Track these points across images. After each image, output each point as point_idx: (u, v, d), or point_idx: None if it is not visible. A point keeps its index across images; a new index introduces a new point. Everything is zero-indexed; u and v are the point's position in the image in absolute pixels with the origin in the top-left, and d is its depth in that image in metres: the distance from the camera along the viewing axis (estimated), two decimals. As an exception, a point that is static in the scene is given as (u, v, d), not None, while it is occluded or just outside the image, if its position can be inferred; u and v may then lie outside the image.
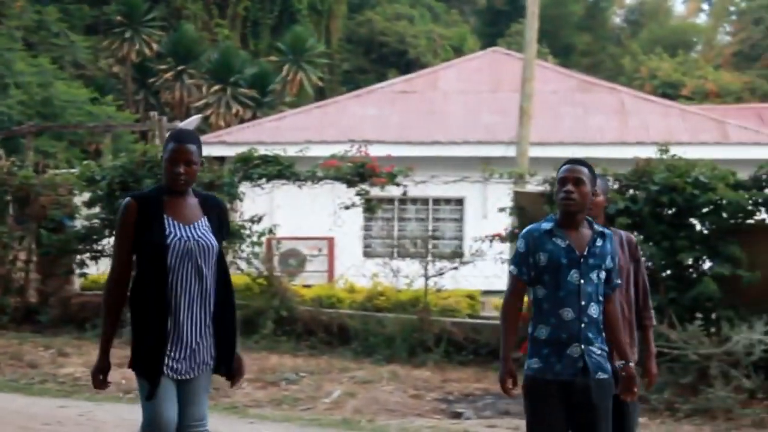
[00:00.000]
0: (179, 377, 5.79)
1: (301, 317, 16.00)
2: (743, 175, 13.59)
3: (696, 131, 27.16)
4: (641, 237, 12.77)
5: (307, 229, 20.45)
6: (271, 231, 17.05)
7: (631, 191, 13.58)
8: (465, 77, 30.86)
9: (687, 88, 53.40)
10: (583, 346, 5.83)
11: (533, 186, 15.72)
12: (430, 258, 16.79)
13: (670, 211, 13.34)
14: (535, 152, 21.92)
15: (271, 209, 19.43)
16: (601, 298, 5.95)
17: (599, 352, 5.91)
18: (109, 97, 40.16)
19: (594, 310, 5.88)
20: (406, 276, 16.68)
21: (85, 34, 45.56)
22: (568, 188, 5.88)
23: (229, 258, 17.08)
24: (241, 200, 17.26)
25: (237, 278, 16.90)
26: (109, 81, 45.16)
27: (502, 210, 15.65)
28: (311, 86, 46.23)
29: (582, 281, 5.86)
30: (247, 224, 16.81)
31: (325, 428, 10.79)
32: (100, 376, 5.84)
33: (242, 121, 39.70)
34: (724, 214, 13.21)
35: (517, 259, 6.07)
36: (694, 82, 54.29)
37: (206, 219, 5.91)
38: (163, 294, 5.71)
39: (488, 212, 21.14)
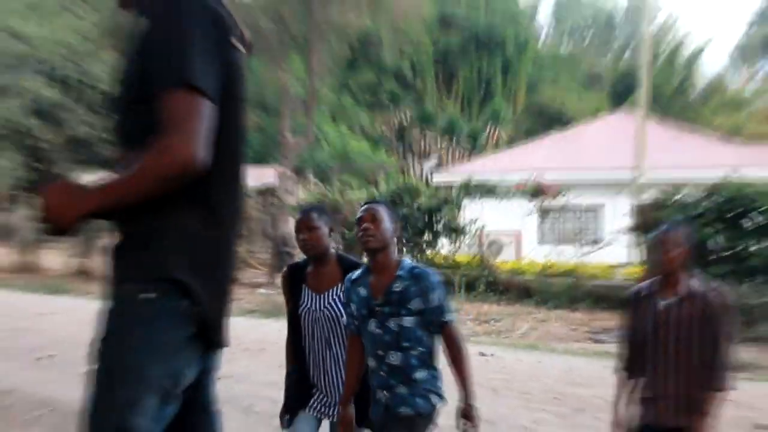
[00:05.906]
0: None
1: (502, 281, 16.00)
2: None
3: None
4: None
5: (504, 226, 20.42)
6: (482, 228, 17.23)
7: None
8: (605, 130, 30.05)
9: None
10: (386, 393, 3.72)
11: (648, 198, 15.36)
12: (581, 243, 16.65)
13: None
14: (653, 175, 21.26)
15: (481, 214, 19.53)
16: (407, 344, 3.65)
17: (407, 392, 3.67)
18: (382, 148, 41.05)
19: (396, 358, 3.68)
20: (567, 255, 16.63)
21: (367, 108, 46.70)
22: (365, 226, 3.69)
23: (456, 246, 17.34)
24: (463, 209, 17.48)
25: (462, 258, 17.14)
26: (382, 138, 46.14)
27: (625, 215, 15.35)
28: (505, 137, 45.92)
29: (379, 331, 3.71)
30: (468, 224, 17.01)
31: (518, 349, 10.88)
32: None
33: (463, 160, 39.95)
34: None
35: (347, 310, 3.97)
36: None
37: None
38: None
39: (618, 214, 20.75)
